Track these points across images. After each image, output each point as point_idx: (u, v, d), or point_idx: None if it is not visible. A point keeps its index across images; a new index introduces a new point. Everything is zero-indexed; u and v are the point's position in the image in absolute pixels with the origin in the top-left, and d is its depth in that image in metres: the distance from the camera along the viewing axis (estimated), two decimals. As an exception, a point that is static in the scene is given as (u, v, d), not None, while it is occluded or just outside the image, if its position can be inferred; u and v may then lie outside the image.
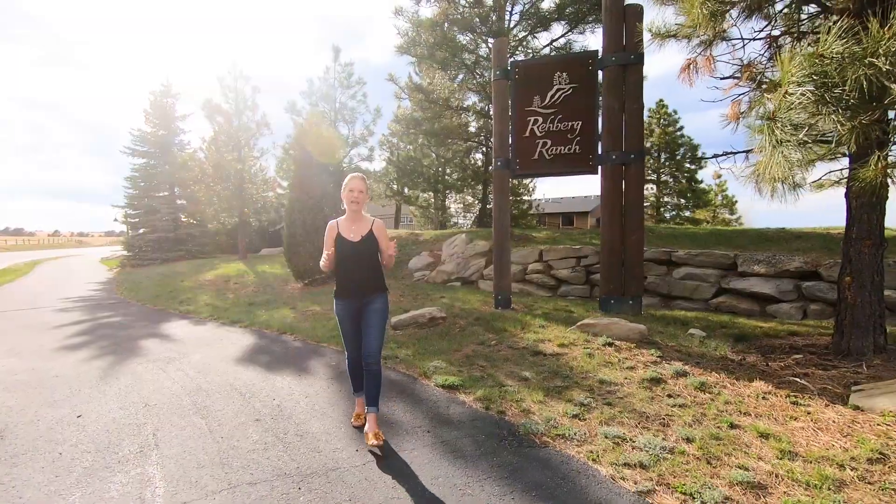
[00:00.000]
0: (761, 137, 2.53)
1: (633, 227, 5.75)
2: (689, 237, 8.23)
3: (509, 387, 3.53)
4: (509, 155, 6.29)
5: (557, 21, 8.98)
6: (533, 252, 8.50)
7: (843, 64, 2.34)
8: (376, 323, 2.77)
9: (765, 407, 3.02)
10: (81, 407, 3.44)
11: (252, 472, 2.44)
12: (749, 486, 2.15)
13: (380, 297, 2.83)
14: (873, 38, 2.14)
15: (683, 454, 2.46)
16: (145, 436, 2.92)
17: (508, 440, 2.74)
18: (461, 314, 5.89)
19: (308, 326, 6.02)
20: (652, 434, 2.70)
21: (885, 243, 3.86)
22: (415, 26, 9.06)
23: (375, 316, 2.78)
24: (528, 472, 2.38)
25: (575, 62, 6.05)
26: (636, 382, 3.51)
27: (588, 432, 2.77)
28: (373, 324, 2.76)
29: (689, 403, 3.12)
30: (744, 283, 6.36)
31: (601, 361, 3.99)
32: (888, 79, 2.21)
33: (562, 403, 3.19)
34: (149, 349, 5.28)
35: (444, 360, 4.21)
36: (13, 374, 4.32)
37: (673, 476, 2.27)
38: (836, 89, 2.40)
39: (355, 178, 2.83)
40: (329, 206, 9.45)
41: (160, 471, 2.48)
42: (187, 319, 7.27)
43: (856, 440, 2.46)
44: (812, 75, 2.41)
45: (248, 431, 2.96)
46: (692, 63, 3.53)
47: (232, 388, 3.80)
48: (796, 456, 2.39)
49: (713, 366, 3.83)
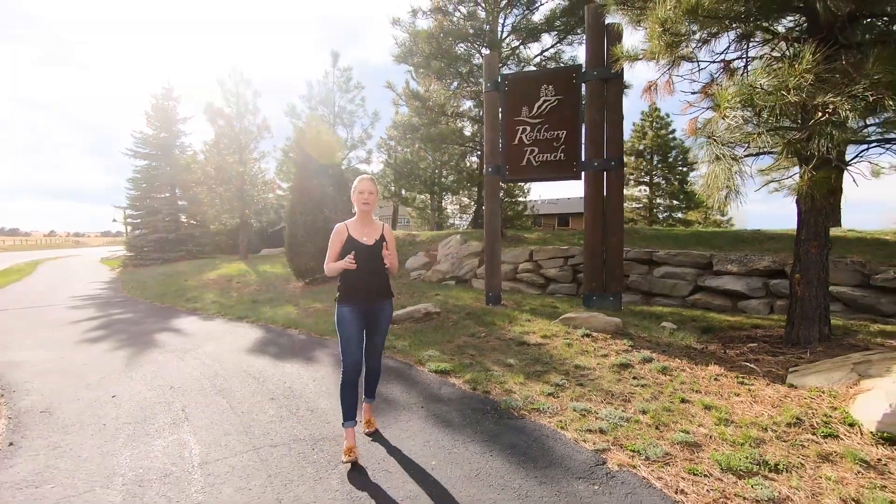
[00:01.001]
0: (702, 153, 2.99)
1: (614, 229, 6.21)
2: (672, 238, 8.70)
3: (495, 371, 3.97)
4: (500, 161, 6.74)
5: (547, 32, 9.48)
6: (524, 252, 8.95)
7: (769, 93, 2.80)
8: (385, 329, 2.82)
9: (715, 386, 3.47)
10: (114, 389, 3.87)
11: (271, 438, 2.87)
12: (687, 444, 2.60)
13: (388, 302, 2.81)
14: (785, 74, 2.60)
15: (638, 422, 2.92)
16: (175, 411, 3.35)
17: (491, 413, 3.18)
18: (454, 310, 6.33)
19: (311, 322, 6.45)
20: (613, 408, 3.15)
21: (830, 244, 4.34)
22: (412, 37, 9.51)
23: (385, 322, 2.80)
24: (505, 437, 2.83)
25: (560, 76, 6.51)
26: (607, 367, 3.97)
27: (559, 407, 3.21)
28: (382, 330, 2.80)
29: (650, 384, 3.58)
30: (718, 281, 6.83)
31: (578, 350, 4.44)
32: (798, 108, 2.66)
33: (539, 384, 3.63)
34: (164, 341, 5.70)
35: (437, 350, 4.65)
36: (45, 363, 4.74)
37: (626, 439, 2.72)
38: (764, 113, 2.85)
39: (365, 180, 2.73)
40: (329, 207, 9.87)
41: (193, 437, 2.91)
42: (195, 316, 7.67)
43: (781, 410, 2.92)
44: (745, 101, 2.87)
45: (264, 408, 3.39)
46: (653, 85, 3.99)
47: (246, 374, 4.23)
48: (731, 422, 2.84)
49: (677, 353, 4.29)
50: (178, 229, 19.45)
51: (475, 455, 2.61)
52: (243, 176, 15.65)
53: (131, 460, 2.62)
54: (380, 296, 2.75)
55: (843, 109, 2.66)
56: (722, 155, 2.93)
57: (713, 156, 2.90)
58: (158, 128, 19.60)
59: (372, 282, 2.70)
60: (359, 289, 2.68)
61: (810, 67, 2.51)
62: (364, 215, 2.73)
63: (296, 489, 2.30)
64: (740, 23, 3.25)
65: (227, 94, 15.57)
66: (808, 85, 2.61)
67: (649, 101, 4.14)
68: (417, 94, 10.25)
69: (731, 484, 2.22)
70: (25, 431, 3.04)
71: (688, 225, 25.10)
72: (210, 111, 15.23)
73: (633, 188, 26.99)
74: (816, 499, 2.07)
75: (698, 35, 3.32)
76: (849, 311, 5.66)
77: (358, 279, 2.66)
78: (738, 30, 3.39)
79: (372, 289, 2.71)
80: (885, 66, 2.56)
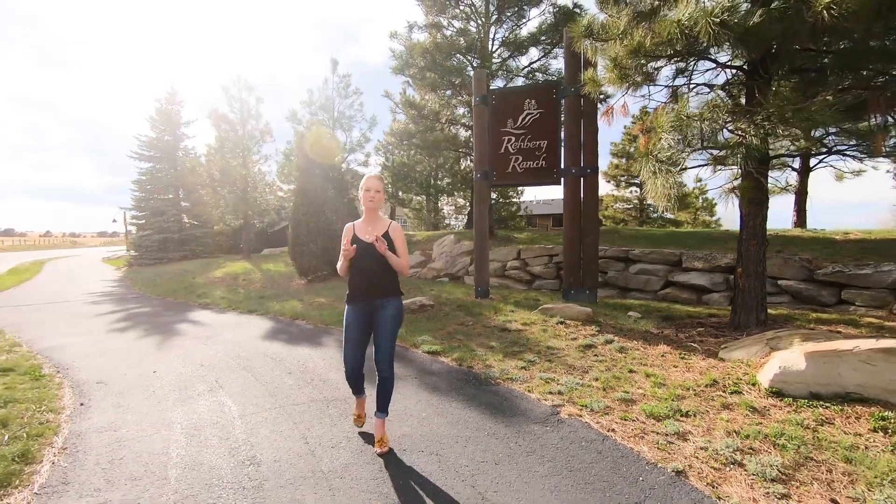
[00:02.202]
0: (644, 169, 3.68)
1: (589, 229, 6.91)
2: (648, 238, 9.41)
3: (478, 352, 4.65)
4: (488, 168, 7.42)
5: (534, 46, 10.17)
6: (512, 251, 9.65)
7: (694, 121, 3.49)
8: (390, 328, 2.67)
9: (659, 361, 4.17)
10: (153, 366, 4.53)
11: (293, 399, 3.54)
12: (624, 401, 3.29)
13: (394, 300, 2.71)
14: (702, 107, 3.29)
15: (590, 387, 3.60)
16: (210, 382, 4.02)
17: (472, 382, 3.86)
18: (446, 302, 7.01)
19: (316, 314, 7.11)
20: (573, 377, 3.84)
21: (767, 242, 5.03)
22: (408, 50, 10.19)
23: (389, 322, 2.67)
24: (482, 397, 3.51)
25: (542, 91, 7.21)
26: (574, 348, 4.65)
27: (529, 377, 3.90)
28: (386, 329, 2.66)
29: (607, 360, 4.26)
30: (685, 277, 7.55)
31: (552, 334, 5.13)
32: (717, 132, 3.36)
33: (515, 361, 4.31)
34: (186, 331, 6.35)
35: (430, 336, 5.33)
36: (85, 348, 5.38)
37: (578, 398, 3.40)
38: (690, 136, 3.55)
39: (371, 178, 2.69)
40: (330, 209, 10.54)
41: (229, 399, 3.58)
42: (208, 310, 8.32)
43: (705, 376, 3.61)
44: (675, 127, 3.56)
45: (283, 379, 4.06)
46: (610, 109, 4.68)
47: (264, 355, 4.89)
48: (663, 385, 3.54)
49: (636, 337, 4.99)
50: (182, 230, 20.04)
51: (457, 409, 3.29)
52: (246, 178, 16.28)
53: (183, 414, 3.29)
54: (380, 293, 2.67)
55: (748, 134, 3.36)
56: (659, 170, 3.62)
57: (651, 171, 3.59)
58: (162, 131, 20.19)
59: (370, 278, 2.66)
60: (357, 286, 2.68)
61: (718, 104, 3.20)
62: (370, 213, 2.72)
63: (317, 431, 2.97)
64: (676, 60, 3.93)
65: (231, 100, 16.22)
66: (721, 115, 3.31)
67: (608, 123, 4.83)
68: (413, 103, 10.94)
69: (650, 425, 2.90)
70: (90, 396, 3.70)
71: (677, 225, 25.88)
72: (214, 116, 15.86)
73: (624, 189, 27.71)
74: (709, 431, 2.76)
75: (645, 68, 4.00)
76: (795, 302, 6.38)
77: (358, 277, 2.68)
78: (674, 65, 4.08)
79: (371, 286, 2.66)
80: (777, 100, 3.24)
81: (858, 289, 5.87)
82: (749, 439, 2.62)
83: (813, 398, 3.02)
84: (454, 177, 15.02)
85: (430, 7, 10.24)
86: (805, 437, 2.58)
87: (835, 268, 6.12)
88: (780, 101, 3.21)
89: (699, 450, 2.56)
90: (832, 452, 2.42)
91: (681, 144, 3.52)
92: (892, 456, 2.34)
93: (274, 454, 2.67)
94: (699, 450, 2.56)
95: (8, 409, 3.27)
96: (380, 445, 2.68)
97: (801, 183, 10.34)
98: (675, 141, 3.49)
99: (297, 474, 2.44)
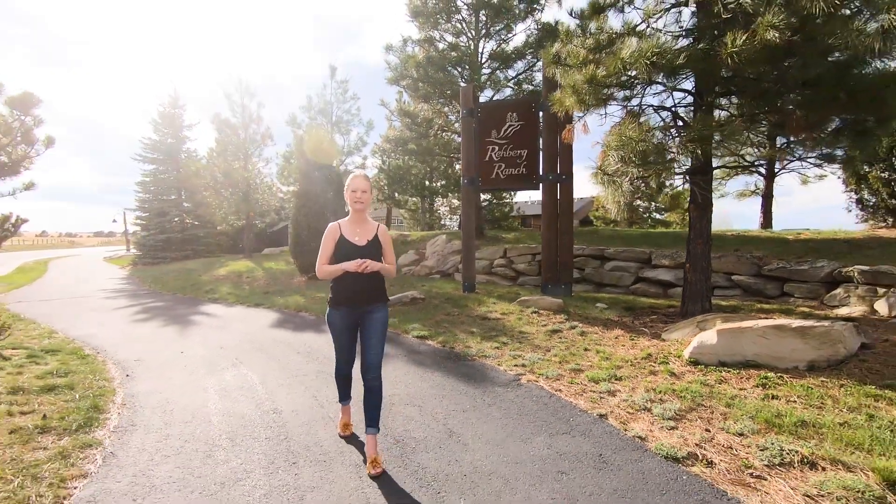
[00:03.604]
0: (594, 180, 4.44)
1: (564, 230, 7.66)
2: (624, 238, 10.19)
3: (461, 336, 5.40)
4: (474, 174, 8.17)
5: (520, 59, 10.94)
6: (499, 250, 10.41)
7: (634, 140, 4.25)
8: (378, 335, 2.61)
9: (612, 341, 4.92)
10: (179, 348, 5.25)
11: (303, 371, 4.27)
12: (574, 370, 4.04)
13: (381, 307, 2.65)
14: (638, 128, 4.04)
15: (549, 361, 4.35)
16: (231, 359, 4.74)
17: (452, 359, 4.61)
18: (436, 296, 7.75)
19: (318, 307, 7.83)
20: (536, 354, 4.58)
21: (711, 241, 5.80)
22: (402, 63, 10.93)
23: (377, 327, 2.61)
24: (460, 369, 4.25)
25: (522, 105, 7.96)
26: (542, 332, 5.40)
27: (501, 354, 4.64)
28: (374, 336, 2.60)
29: (568, 341, 5.02)
30: (653, 273, 8.32)
31: (525, 322, 5.88)
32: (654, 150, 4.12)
33: (491, 342, 5.06)
34: (201, 321, 7.06)
35: (419, 324, 6.06)
36: (113, 336, 6.09)
37: (538, 369, 4.14)
38: (632, 154, 4.31)
39: (358, 178, 2.60)
40: (330, 211, 11.26)
41: (249, 371, 4.31)
42: (218, 304, 9.03)
43: (643, 351, 4.37)
44: (619, 146, 4.32)
45: (293, 357, 4.78)
46: (571, 128, 5.42)
47: (274, 340, 5.62)
48: (608, 359, 4.29)
49: (597, 323, 5.74)
50: (185, 230, 20.69)
51: (438, 377, 4.04)
52: (248, 181, 16.97)
53: (214, 382, 4.02)
54: (369, 300, 2.60)
55: (677, 152, 4.11)
56: (608, 182, 4.38)
57: (601, 183, 4.34)
58: (165, 134, 20.84)
59: (361, 284, 2.56)
60: (346, 291, 2.57)
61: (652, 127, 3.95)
62: (358, 214, 2.62)
63: (324, 392, 3.71)
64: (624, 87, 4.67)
65: (234, 105, 16.90)
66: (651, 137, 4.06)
67: (571, 140, 5.57)
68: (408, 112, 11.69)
69: (590, 386, 3.65)
70: (132, 370, 4.42)
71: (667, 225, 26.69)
72: (218, 121, 16.54)
73: (613, 191, 28.45)
74: (634, 390, 3.51)
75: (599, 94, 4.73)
76: (746, 294, 7.16)
77: (345, 282, 2.56)
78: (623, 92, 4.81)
79: (360, 292, 2.57)
80: (699, 125, 3.99)
81: (798, 282, 6.66)
82: (661, 394, 3.37)
83: (721, 365, 3.79)
84: (448, 179, 15.76)
85: (422, 23, 11.00)
86: (702, 391, 3.34)
87: (779, 264, 6.91)
88: (701, 125, 3.96)
89: (622, 401, 3.31)
90: (718, 401, 3.18)
91: (622, 161, 4.27)
92: (760, 402, 3.10)
93: (291, 406, 3.41)
94: (622, 401, 3.31)
95: (69, 377, 3.99)
96: (373, 466, 2.42)
97: (767, 187, 11.15)
98: (619, 158, 4.24)
99: (311, 418, 3.18)
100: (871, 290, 5.75)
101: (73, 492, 2.28)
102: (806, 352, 3.61)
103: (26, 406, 3.27)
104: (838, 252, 7.02)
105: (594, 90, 4.59)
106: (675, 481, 2.31)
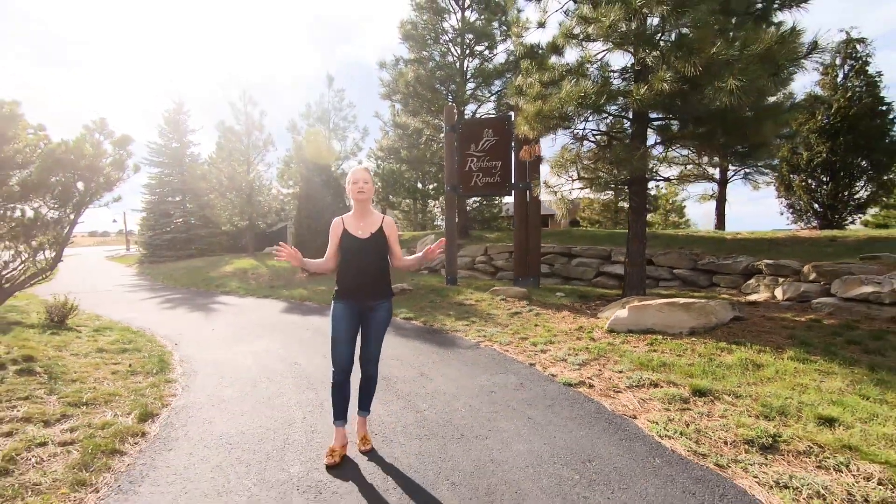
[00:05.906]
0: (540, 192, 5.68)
1: (533, 230, 8.92)
2: (593, 237, 11.46)
3: (440, 317, 6.63)
4: (455, 182, 9.40)
5: (499, 78, 12.21)
6: (481, 248, 11.65)
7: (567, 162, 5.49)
8: (380, 332, 2.64)
9: (558, 320, 6.17)
10: (209, 327, 6.43)
11: (313, 342, 5.48)
12: (522, 339, 5.27)
13: (385, 303, 2.63)
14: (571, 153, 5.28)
15: (505, 333, 5.58)
16: (254, 335, 5.94)
17: (430, 333, 5.83)
18: (423, 287, 8.97)
19: (321, 297, 9.03)
20: (497, 329, 5.81)
21: (646, 240, 7.07)
22: (395, 80, 12.14)
23: (380, 325, 2.63)
24: (435, 339, 5.47)
25: (496, 122, 9.21)
26: (505, 314, 6.64)
27: (469, 329, 5.87)
28: (376, 332, 2.63)
29: (524, 320, 6.26)
30: (612, 268, 9.59)
31: (493, 306, 7.12)
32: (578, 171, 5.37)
33: (462, 321, 6.29)
34: (219, 309, 8.24)
35: (406, 308, 7.29)
36: (149, 320, 7.26)
37: (494, 338, 5.37)
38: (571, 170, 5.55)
39: (359, 170, 2.59)
40: (329, 212, 12.46)
41: (271, 342, 5.51)
42: (230, 296, 10.19)
43: (577, 325, 5.62)
44: (555, 166, 5.56)
45: (304, 334, 5.99)
46: (528, 149, 6.64)
47: (286, 322, 6.82)
48: (550, 331, 5.53)
49: (552, 307, 6.99)
50: (189, 230, 21.77)
51: (417, 343, 5.27)
52: (251, 184, 18.11)
53: (244, 348, 5.22)
54: (374, 295, 2.58)
55: (602, 171, 5.37)
56: (552, 192, 5.62)
57: (546, 193, 5.58)
58: (170, 138, 21.90)
59: (364, 279, 2.55)
60: (350, 286, 2.56)
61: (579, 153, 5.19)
62: (361, 206, 2.60)
63: (330, 353, 4.92)
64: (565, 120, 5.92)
65: (238, 113, 18.03)
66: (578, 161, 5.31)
67: (527, 159, 6.81)
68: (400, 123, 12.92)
69: (530, 348, 4.89)
70: (177, 342, 5.60)
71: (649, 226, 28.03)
72: (222, 128, 17.66)
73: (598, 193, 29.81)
74: (558, 349, 4.76)
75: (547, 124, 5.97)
76: (683, 285, 8.45)
77: (349, 275, 2.55)
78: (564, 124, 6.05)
79: (364, 286, 2.56)
80: (616, 151, 5.23)
81: (723, 274, 7.95)
82: (578, 351, 4.62)
83: (628, 333, 5.04)
84: (438, 183, 16.98)
85: (412, 46, 12.24)
86: (607, 349, 4.59)
87: (710, 259, 8.20)
88: (619, 151, 5.21)
89: (549, 356, 4.56)
90: (615, 353, 4.43)
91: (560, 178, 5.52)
92: (643, 354, 4.35)
93: (307, 362, 4.62)
94: (549, 356, 4.56)
95: (133, 344, 5.18)
96: (363, 443, 2.62)
97: (720, 193, 12.49)
98: (556, 174, 5.48)
99: (323, 366, 4.40)
100: (774, 279, 7.05)
101: (171, 401, 3.49)
102: (688, 321, 4.88)
103: (112, 360, 4.47)
104: (760, 249, 8.33)
105: (542, 121, 5.84)
106: (564, 395, 3.55)
